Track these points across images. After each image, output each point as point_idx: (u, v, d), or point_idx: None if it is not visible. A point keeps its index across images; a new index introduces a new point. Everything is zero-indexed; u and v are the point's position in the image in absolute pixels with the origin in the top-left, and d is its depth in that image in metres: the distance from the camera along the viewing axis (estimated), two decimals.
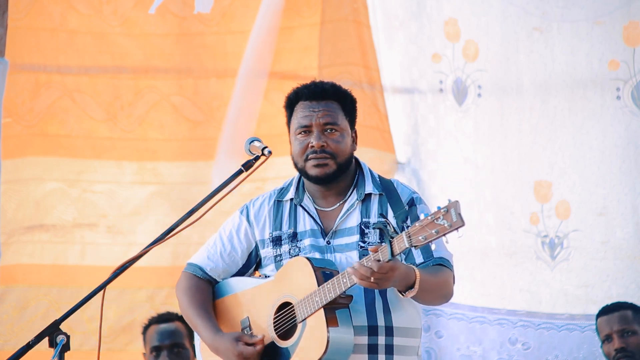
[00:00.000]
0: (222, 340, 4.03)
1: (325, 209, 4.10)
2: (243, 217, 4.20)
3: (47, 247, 6.51)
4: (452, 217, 3.59)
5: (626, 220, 6.27)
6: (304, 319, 3.89)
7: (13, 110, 6.46)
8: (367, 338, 3.94)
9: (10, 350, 6.25)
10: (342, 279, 3.82)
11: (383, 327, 3.95)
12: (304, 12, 6.60)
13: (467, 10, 6.53)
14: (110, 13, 6.60)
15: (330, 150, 4.02)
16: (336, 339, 3.84)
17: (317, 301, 3.85)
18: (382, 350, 3.95)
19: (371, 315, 3.95)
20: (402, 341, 3.99)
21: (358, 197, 4.07)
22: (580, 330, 6.30)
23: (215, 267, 4.18)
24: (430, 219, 3.62)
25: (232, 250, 4.18)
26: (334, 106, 4.08)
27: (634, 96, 6.31)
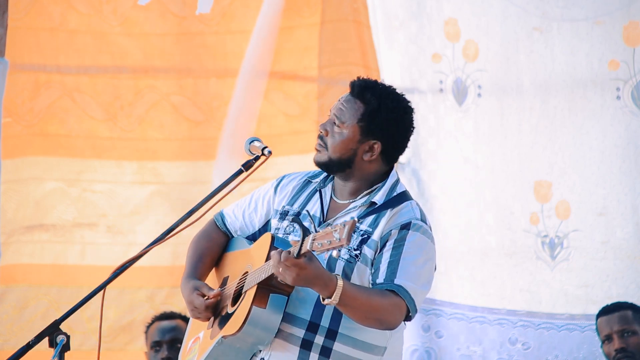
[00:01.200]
0: (186, 285, 4.08)
1: (338, 201, 4.09)
2: (273, 185, 4.21)
3: (47, 247, 6.51)
4: (343, 233, 3.54)
5: (626, 220, 6.27)
6: (246, 290, 3.90)
7: (13, 110, 6.46)
8: (304, 332, 3.90)
9: (10, 350, 6.25)
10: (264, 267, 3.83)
11: (325, 327, 3.91)
12: (304, 12, 6.60)
13: (467, 10, 6.53)
14: (110, 13, 6.60)
15: (325, 140, 4.01)
16: (259, 321, 3.82)
17: (256, 277, 3.84)
18: (316, 349, 3.91)
19: (317, 313, 3.91)
20: (346, 350, 3.93)
21: (365, 202, 4.03)
22: (580, 330, 6.30)
23: (234, 221, 4.21)
24: (330, 229, 3.58)
25: (253, 211, 4.19)
26: (355, 106, 4.03)
27: (634, 96, 6.31)
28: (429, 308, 6.49)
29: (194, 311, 4.02)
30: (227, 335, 3.87)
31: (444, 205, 6.53)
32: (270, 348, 3.90)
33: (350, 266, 3.93)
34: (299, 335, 3.90)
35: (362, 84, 4.05)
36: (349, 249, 3.94)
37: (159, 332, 6.07)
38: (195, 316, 4.04)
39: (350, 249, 3.94)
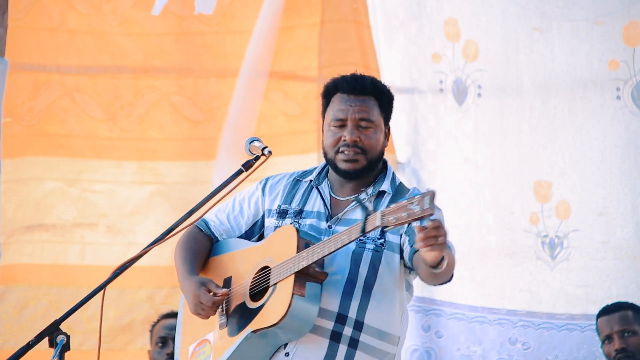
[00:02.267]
0: (190, 281, 4.02)
1: (339, 198, 4.09)
2: (259, 186, 4.21)
3: (47, 246, 6.50)
4: (425, 204, 3.55)
5: (626, 220, 6.27)
6: (275, 282, 3.87)
7: (13, 110, 6.46)
8: (333, 324, 3.91)
9: (10, 350, 6.25)
10: (317, 249, 3.81)
11: (353, 319, 3.92)
12: (304, 12, 6.60)
13: (467, 10, 6.53)
14: (110, 13, 6.59)
15: (362, 145, 4.02)
16: (297, 308, 3.81)
17: (290, 267, 3.83)
18: (345, 340, 3.92)
19: (344, 305, 3.92)
20: (370, 340, 3.95)
21: (372, 192, 4.06)
22: (580, 330, 6.30)
23: (218, 224, 4.19)
24: (405, 202, 3.59)
25: (239, 214, 4.18)
26: (371, 102, 4.07)
27: (634, 96, 6.31)
28: (429, 308, 6.49)
29: (199, 306, 3.97)
30: (259, 329, 3.83)
31: (444, 205, 6.52)
32: (296, 341, 3.89)
33: (378, 255, 3.96)
34: (328, 327, 3.90)
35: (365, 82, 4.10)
36: (373, 239, 3.96)
37: (165, 329, 6.10)
38: (198, 312, 3.98)
39: (374, 239, 3.97)
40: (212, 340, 4.00)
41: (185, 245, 4.18)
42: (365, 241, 3.98)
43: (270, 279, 3.91)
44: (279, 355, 3.89)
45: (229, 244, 4.16)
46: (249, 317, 3.90)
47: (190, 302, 3.99)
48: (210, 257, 4.19)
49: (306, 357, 3.88)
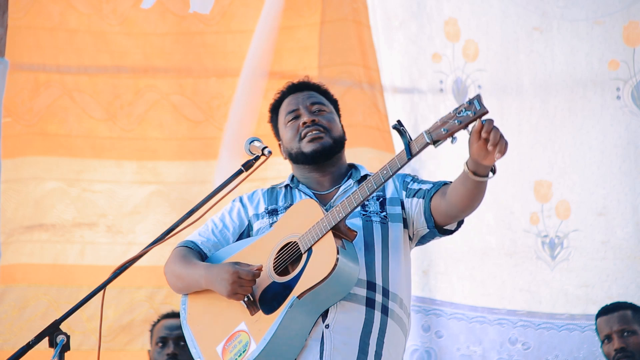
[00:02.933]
0: (217, 268, 3.95)
1: (322, 192, 4.12)
2: (236, 201, 4.23)
3: (47, 246, 6.50)
4: (475, 106, 3.53)
5: (626, 220, 6.27)
6: (308, 248, 3.85)
7: (13, 110, 6.45)
8: (366, 291, 3.92)
9: (10, 349, 6.25)
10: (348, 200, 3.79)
11: (380, 286, 3.94)
12: (304, 12, 6.60)
13: (467, 10, 6.53)
14: (109, 12, 6.59)
15: (322, 124, 4.08)
16: (343, 261, 3.77)
17: (324, 226, 3.80)
18: (379, 307, 3.93)
19: (370, 273, 3.94)
20: (397, 309, 3.98)
21: (354, 179, 4.10)
22: (580, 330, 6.30)
23: (206, 240, 4.17)
24: (452, 113, 3.58)
25: (223, 228, 4.18)
26: (317, 94, 4.18)
27: (634, 96, 6.31)
28: (429, 308, 6.49)
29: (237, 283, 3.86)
30: (306, 290, 3.78)
31: None
32: (335, 310, 3.86)
33: (385, 227, 4.00)
34: (362, 294, 3.91)
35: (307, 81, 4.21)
36: (376, 212, 3.99)
37: (166, 329, 6.10)
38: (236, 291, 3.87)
39: (377, 212, 4.00)
40: (246, 329, 3.91)
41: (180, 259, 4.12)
42: (370, 215, 4.00)
43: (300, 249, 3.87)
44: (318, 328, 3.86)
45: (225, 253, 4.13)
46: (287, 289, 3.84)
47: (225, 284, 3.89)
48: None
49: (346, 326, 3.87)
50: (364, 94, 6.61)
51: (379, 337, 3.91)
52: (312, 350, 3.84)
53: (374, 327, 3.91)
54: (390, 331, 3.94)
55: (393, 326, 3.96)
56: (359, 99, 6.62)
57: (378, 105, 6.62)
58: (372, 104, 6.62)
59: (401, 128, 3.67)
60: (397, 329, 3.98)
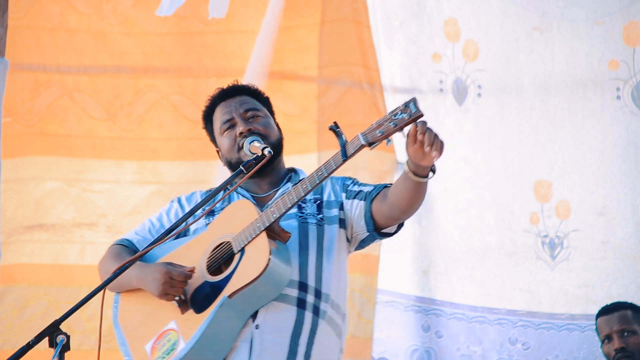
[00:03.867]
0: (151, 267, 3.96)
1: (260, 195, 4.13)
2: (175, 202, 4.25)
3: (47, 246, 6.50)
4: (410, 109, 3.58)
5: (626, 220, 6.27)
6: (241, 248, 3.86)
7: (13, 110, 6.45)
8: (297, 292, 3.93)
9: (10, 349, 6.25)
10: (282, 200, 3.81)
11: (313, 287, 3.95)
12: (304, 12, 6.60)
13: (467, 10, 6.53)
14: (109, 12, 6.59)
15: (259, 131, 4.08)
16: (275, 261, 3.79)
17: (258, 226, 3.82)
18: (310, 308, 3.94)
19: (302, 274, 3.95)
20: (329, 310, 3.98)
21: (292, 183, 4.11)
22: (580, 330, 6.30)
23: (142, 239, 4.18)
24: (388, 116, 3.62)
25: (160, 227, 4.19)
26: (249, 98, 4.17)
27: (634, 96, 6.31)
28: (429, 308, 6.49)
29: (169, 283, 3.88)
30: (237, 290, 3.79)
31: (444, 205, 6.54)
32: (265, 311, 3.88)
33: (321, 229, 4.01)
34: (294, 295, 3.92)
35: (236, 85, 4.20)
36: (312, 214, 4.01)
37: None
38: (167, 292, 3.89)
39: (313, 214, 4.02)
40: (176, 327, 3.92)
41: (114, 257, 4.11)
42: (305, 216, 4.01)
43: (233, 248, 3.88)
44: (247, 329, 3.87)
45: (159, 252, 4.11)
46: (218, 289, 3.85)
47: (156, 284, 3.91)
48: None
49: (276, 326, 3.89)
50: (364, 94, 6.61)
51: (309, 338, 3.92)
52: (240, 351, 3.86)
53: (304, 328, 3.92)
54: (322, 332, 3.95)
55: (325, 327, 3.96)
56: (359, 99, 6.62)
57: (378, 105, 6.62)
58: (372, 104, 6.62)
59: (337, 130, 3.69)
60: (329, 330, 3.98)
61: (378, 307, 6.54)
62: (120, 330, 4.14)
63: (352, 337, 6.54)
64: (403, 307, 6.55)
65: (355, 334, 6.55)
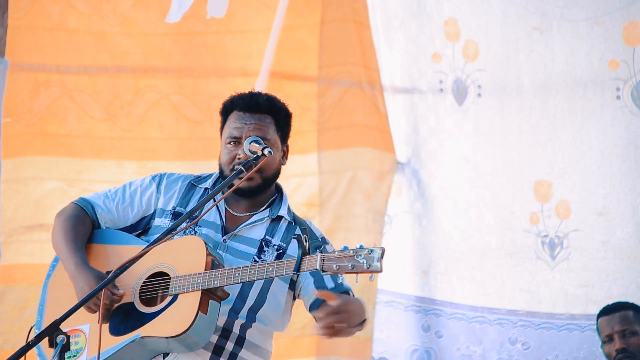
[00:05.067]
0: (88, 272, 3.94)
1: (234, 213, 4.11)
2: (154, 183, 4.19)
3: (47, 246, 6.45)
4: (373, 260, 3.58)
5: (626, 220, 6.27)
6: (176, 293, 3.85)
7: (13, 110, 6.45)
8: (217, 338, 3.94)
9: (10, 349, 6.25)
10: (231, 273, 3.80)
11: (236, 334, 3.97)
12: (304, 12, 6.60)
13: (467, 10, 6.53)
14: (109, 12, 6.59)
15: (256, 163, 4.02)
16: (199, 325, 3.80)
17: (199, 282, 3.81)
18: (226, 355, 3.96)
19: (230, 321, 3.97)
20: (248, 356, 4.00)
21: (269, 215, 4.09)
22: (580, 330, 6.30)
23: (106, 211, 4.14)
24: (351, 252, 3.62)
25: (128, 206, 4.15)
26: (266, 121, 4.10)
27: (633, 96, 6.31)
28: (429, 308, 6.49)
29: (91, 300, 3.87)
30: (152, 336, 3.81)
31: (444, 205, 6.54)
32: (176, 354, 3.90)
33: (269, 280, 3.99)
34: (213, 341, 3.94)
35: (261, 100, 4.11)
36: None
37: None
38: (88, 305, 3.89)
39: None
40: (87, 333, 3.93)
41: (70, 225, 4.10)
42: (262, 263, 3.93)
43: (169, 288, 3.88)
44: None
45: (112, 235, 4.10)
46: (138, 321, 3.87)
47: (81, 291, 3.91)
48: (91, 243, 4.12)
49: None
50: (364, 94, 6.61)
51: None
52: None
53: None
54: None
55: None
56: (359, 99, 6.62)
57: (378, 105, 6.62)
58: (372, 104, 6.62)
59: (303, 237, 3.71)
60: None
61: (378, 307, 6.54)
62: (45, 295, 4.12)
63: (352, 337, 6.53)
64: (403, 307, 6.55)
65: (355, 334, 6.54)
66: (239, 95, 4.14)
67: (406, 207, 6.55)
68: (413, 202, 6.55)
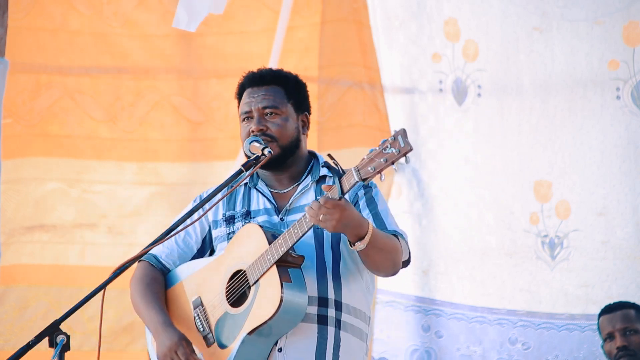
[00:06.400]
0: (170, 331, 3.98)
1: (280, 191, 4.11)
2: (196, 201, 4.21)
3: (47, 247, 6.51)
4: (399, 143, 3.58)
5: (626, 220, 6.27)
6: (256, 280, 3.86)
7: (13, 110, 6.46)
8: (317, 308, 3.92)
9: (10, 350, 6.25)
10: (289, 232, 3.81)
11: (333, 300, 3.94)
12: (304, 12, 6.60)
13: (467, 10, 6.53)
14: (111, 14, 6.60)
15: (271, 133, 4.04)
16: (289, 297, 3.80)
17: (268, 259, 3.83)
18: (331, 322, 3.93)
19: (322, 287, 3.94)
20: (350, 319, 3.97)
21: (312, 179, 4.10)
22: (580, 330, 6.30)
23: (170, 253, 4.16)
24: (378, 149, 3.61)
25: (186, 235, 4.17)
26: (274, 90, 4.11)
27: (633, 96, 6.31)
28: (429, 308, 6.49)
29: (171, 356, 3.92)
30: (255, 328, 3.81)
31: (444, 205, 6.54)
32: (287, 333, 3.89)
33: (336, 235, 3.98)
34: (314, 312, 3.91)
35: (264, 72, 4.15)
36: None
37: None
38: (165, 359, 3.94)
39: None
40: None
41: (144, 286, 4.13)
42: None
43: (249, 279, 3.89)
44: (273, 353, 3.89)
45: (183, 270, 4.13)
46: (238, 323, 3.89)
47: (162, 348, 3.95)
48: (168, 288, 4.15)
49: (299, 348, 3.90)
50: (364, 94, 6.61)
51: (334, 353, 3.93)
52: None
53: (328, 344, 3.92)
54: (346, 344, 3.95)
55: (348, 338, 3.96)
56: (359, 99, 6.62)
57: (378, 105, 6.62)
58: (372, 104, 6.62)
59: (333, 162, 3.72)
60: (352, 339, 3.98)
61: (378, 307, 6.54)
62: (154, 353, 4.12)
63: None
64: (403, 307, 6.55)
65: None
66: (247, 74, 4.18)
67: (406, 207, 6.55)
68: (413, 202, 6.55)
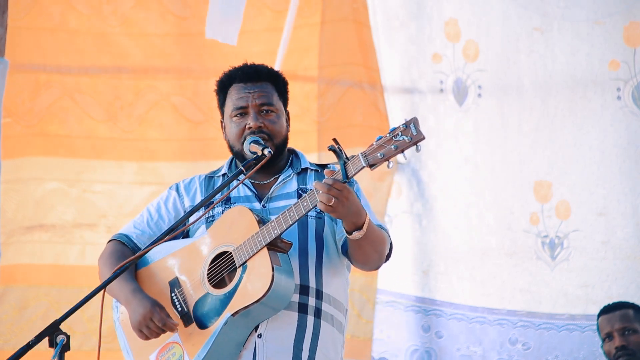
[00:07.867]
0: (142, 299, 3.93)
1: (260, 182, 4.09)
2: (172, 190, 4.19)
3: (47, 247, 6.50)
4: (411, 131, 3.54)
5: (626, 220, 6.27)
6: (244, 262, 3.83)
7: (13, 110, 6.46)
8: (298, 296, 3.90)
9: (10, 350, 6.25)
10: (284, 215, 3.78)
11: (314, 289, 3.93)
12: (304, 12, 6.60)
13: (467, 11, 6.53)
14: (110, 13, 6.60)
15: (267, 131, 4.03)
16: (279, 279, 3.77)
17: (259, 241, 3.79)
18: (311, 311, 3.92)
19: (304, 275, 3.92)
20: (330, 309, 3.96)
21: (294, 171, 4.09)
22: (580, 330, 6.30)
23: (141, 234, 4.13)
24: (388, 136, 3.57)
25: (159, 219, 4.14)
26: (268, 87, 4.10)
27: (634, 96, 6.31)
28: (429, 308, 6.49)
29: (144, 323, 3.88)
30: (240, 309, 3.78)
31: (444, 205, 6.54)
32: (267, 320, 3.87)
33: (321, 222, 3.98)
34: (295, 300, 3.90)
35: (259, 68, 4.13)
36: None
37: None
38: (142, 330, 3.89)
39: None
40: (179, 341, 3.92)
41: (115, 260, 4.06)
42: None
43: (235, 261, 3.86)
44: (251, 338, 3.86)
45: (159, 251, 4.07)
46: (221, 304, 3.84)
47: (136, 317, 3.90)
48: (139, 269, 4.10)
49: (278, 335, 3.88)
50: (364, 94, 6.61)
51: (312, 342, 3.91)
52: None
53: (307, 333, 3.90)
54: (324, 334, 3.94)
55: (326, 328, 3.94)
56: (359, 99, 6.62)
57: (378, 105, 6.62)
58: (372, 104, 6.62)
59: (337, 147, 3.66)
60: (331, 329, 3.96)
61: (378, 307, 6.54)
62: (122, 334, 4.12)
63: (352, 337, 6.54)
64: (403, 307, 6.55)
65: (355, 334, 6.55)
66: (235, 68, 4.13)
67: (406, 207, 6.55)
68: (413, 202, 6.55)
